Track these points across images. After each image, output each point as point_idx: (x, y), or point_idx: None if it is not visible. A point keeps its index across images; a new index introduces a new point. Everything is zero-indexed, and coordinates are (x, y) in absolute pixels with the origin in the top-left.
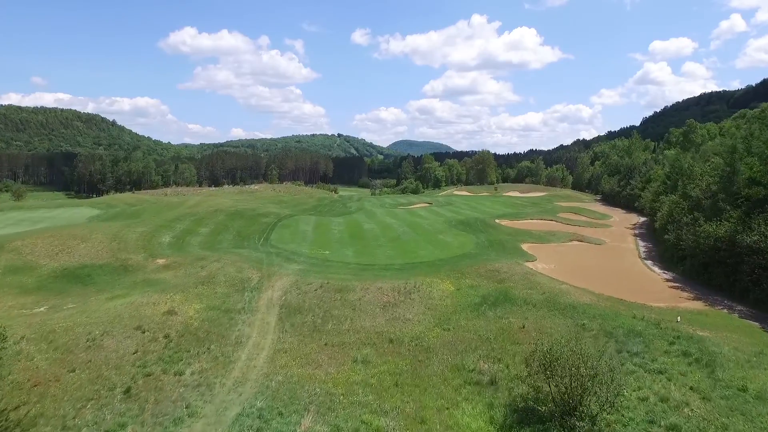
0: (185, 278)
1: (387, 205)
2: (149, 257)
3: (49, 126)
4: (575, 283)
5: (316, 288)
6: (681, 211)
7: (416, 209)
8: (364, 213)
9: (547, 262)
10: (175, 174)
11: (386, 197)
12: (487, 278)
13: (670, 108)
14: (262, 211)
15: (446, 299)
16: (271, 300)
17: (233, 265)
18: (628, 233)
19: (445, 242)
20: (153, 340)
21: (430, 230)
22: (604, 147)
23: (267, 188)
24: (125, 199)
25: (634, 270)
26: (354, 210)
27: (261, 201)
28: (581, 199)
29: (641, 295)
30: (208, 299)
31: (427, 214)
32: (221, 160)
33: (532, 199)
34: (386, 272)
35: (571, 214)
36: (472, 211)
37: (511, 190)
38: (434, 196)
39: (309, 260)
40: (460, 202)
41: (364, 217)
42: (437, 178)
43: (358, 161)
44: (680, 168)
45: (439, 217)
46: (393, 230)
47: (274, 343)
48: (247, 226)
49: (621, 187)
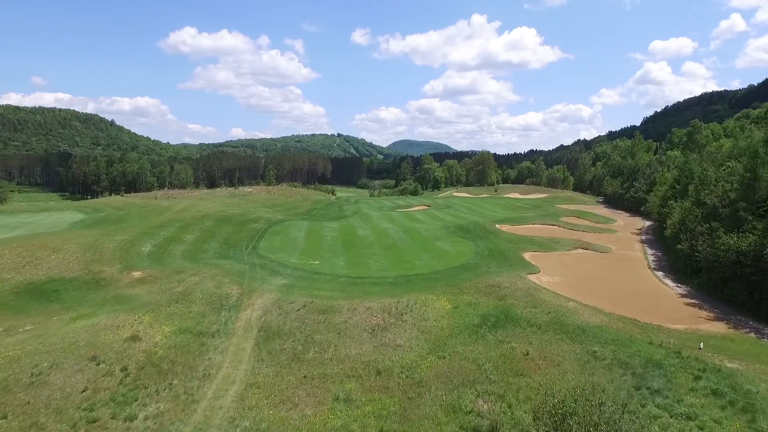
0: (159, 294)
1: (385, 208)
2: (125, 269)
3: (47, 126)
4: (583, 300)
5: (299, 308)
6: (695, 219)
7: (414, 212)
8: (360, 217)
9: (552, 274)
10: (171, 175)
11: (384, 199)
12: (487, 294)
13: (671, 108)
14: (253, 216)
15: (442, 320)
16: (250, 321)
17: (213, 280)
18: (635, 239)
19: (442, 251)
20: (108, 374)
21: (428, 237)
22: (605, 147)
23: (261, 191)
24: (113, 203)
25: (645, 283)
26: (350, 214)
27: (253, 205)
28: (583, 201)
29: (656, 314)
30: (181, 320)
31: (426, 217)
32: (218, 161)
33: (533, 201)
34: (378, 287)
35: (574, 218)
36: (472, 215)
37: (511, 191)
38: (433, 198)
39: (296, 272)
40: (459, 204)
41: (360, 221)
42: (436, 180)
43: (357, 162)
44: (690, 172)
45: (438, 221)
46: (388, 237)
47: (246, 375)
48: (236, 233)
49: (624, 189)
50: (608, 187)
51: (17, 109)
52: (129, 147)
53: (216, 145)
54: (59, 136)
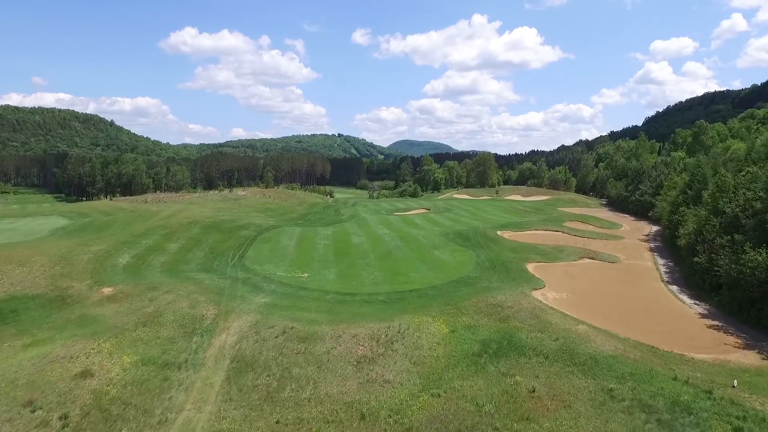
0: (127, 315)
1: (383, 212)
2: (95, 285)
3: (46, 126)
4: (594, 321)
5: (277, 334)
6: (713, 230)
7: (413, 216)
8: (356, 222)
9: (558, 289)
10: (167, 177)
11: (383, 201)
12: (488, 315)
13: (673, 108)
14: (243, 222)
15: (438, 347)
16: (223, 349)
17: (188, 298)
18: (643, 247)
19: (441, 261)
20: (42, 424)
21: (426, 244)
22: (608, 148)
23: (256, 194)
24: (100, 207)
25: (660, 300)
26: (346, 218)
27: (245, 210)
28: (587, 203)
29: (676, 339)
30: (146, 347)
31: (424, 222)
32: (216, 162)
33: (535, 203)
34: (368, 307)
35: (578, 223)
36: (472, 219)
37: (512, 193)
38: (433, 200)
39: (281, 288)
40: (459, 207)
41: (356, 227)
42: (436, 181)
43: (357, 162)
44: (703, 177)
45: (437, 226)
46: (384, 245)
47: (210, 420)
48: (223, 240)
49: (629, 192)
50: (612, 189)
51: (16, 110)
52: (129, 147)
53: (216, 146)
54: (58, 136)
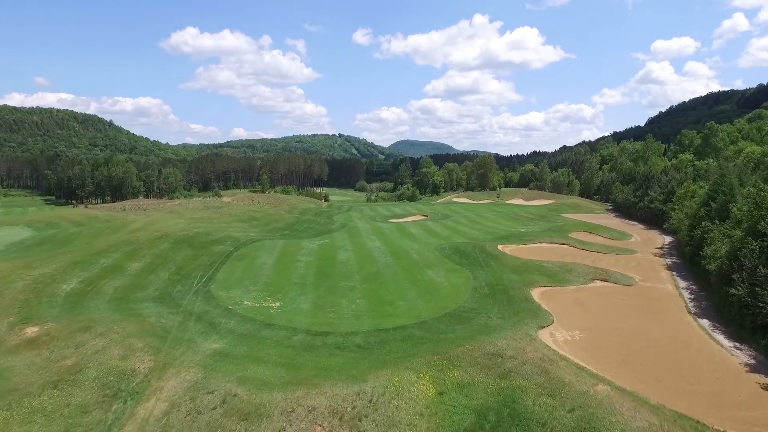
0: (40, 370)
1: (378, 218)
2: (19, 323)
3: (44, 126)
4: (616, 378)
5: (216, 404)
6: (753, 256)
7: (409, 224)
8: (347, 232)
9: (569, 325)
10: (159, 180)
11: (380, 206)
12: (486, 369)
13: (676, 108)
14: (221, 235)
15: (420, 421)
16: (146, 424)
17: (122, 344)
18: (659, 264)
19: (434, 284)
20: None
21: (419, 262)
22: (612, 149)
23: (243, 199)
24: (71, 217)
25: (693, 343)
26: (336, 227)
27: (226, 219)
28: (591, 209)
29: (725, 407)
30: (45, 423)
31: (420, 231)
32: (212, 163)
33: (538, 209)
34: (339, 355)
35: (585, 234)
36: (472, 228)
37: (514, 197)
38: (432, 205)
39: (242, 326)
40: (458, 213)
41: (345, 238)
42: (435, 184)
43: (356, 163)
44: (729, 187)
45: (433, 237)
46: (373, 262)
47: None
48: (193, 258)
49: (637, 197)
50: (618, 194)
51: (14, 110)
52: (127, 148)
53: (216, 146)
54: (56, 136)
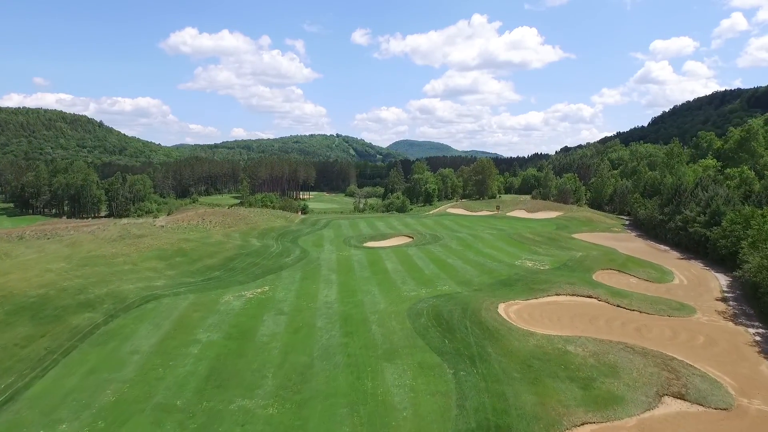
0: None
1: (354, 240)
2: None
3: (29, 127)
4: None
5: None
6: None
7: (388, 251)
8: (302, 269)
9: None
10: (124, 187)
11: (363, 219)
12: None
13: (680, 107)
14: (101, 291)
15: None
16: None
17: None
18: (742, 340)
19: (388, 410)
20: None
21: (377, 345)
22: (621, 153)
23: (187, 219)
24: None
25: None
26: (292, 261)
27: (139, 256)
28: (608, 226)
29: None
30: None
31: (397, 268)
32: (190, 168)
33: (545, 225)
34: None
35: (615, 274)
36: (465, 261)
37: (515, 207)
38: (423, 217)
39: None
40: (451, 230)
41: (293, 285)
42: (428, 193)
43: (347, 166)
44: None
45: (412, 280)
46: (308, 343)
47: None
48: (27, 341)
49: (666, 215)
50: (639, 208)
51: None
52: (117, 149)
53: (211, 146)
54: (42, 137)
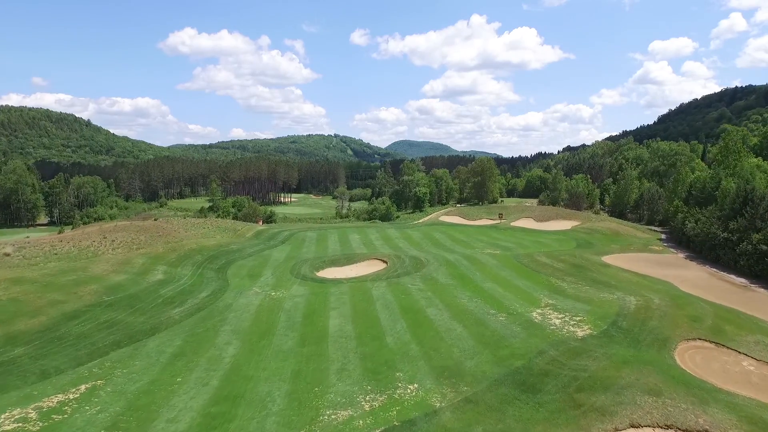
0: None
1: (306, 267)
2: None
3: (11, 126)
4: None
5: None
6: None
7: (345, 287)
8: (181, 337)
9: None
10: (67, 192)
11: (336, 231)
12: None
13: (688, 105)
14: None
15: None
16: None
17: None
18: None
19: None
20: None
21: None
22: (640, 152)
23: (86, 235)
24: None
25: None
26: (182, 314)
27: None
28: (642, 241)
29: None
30: None
31: (344, 329)
32: (160, 169)
33: (561, 241)
34: None
35: (709, 350)
36: (455, 311)
37: (521, 215)
38: (409, 228)
39: None
40: (442, 248)
41: (123, 389)
42: (419, 198)
43: (335, 167)
44: None
45: (358, 357)
46: None
47: None
48: None
49: (732, 233)
50: (689, 223)
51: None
52: (104, 149)
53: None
54: (25, 136)
